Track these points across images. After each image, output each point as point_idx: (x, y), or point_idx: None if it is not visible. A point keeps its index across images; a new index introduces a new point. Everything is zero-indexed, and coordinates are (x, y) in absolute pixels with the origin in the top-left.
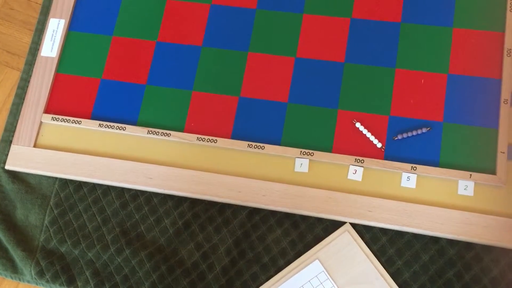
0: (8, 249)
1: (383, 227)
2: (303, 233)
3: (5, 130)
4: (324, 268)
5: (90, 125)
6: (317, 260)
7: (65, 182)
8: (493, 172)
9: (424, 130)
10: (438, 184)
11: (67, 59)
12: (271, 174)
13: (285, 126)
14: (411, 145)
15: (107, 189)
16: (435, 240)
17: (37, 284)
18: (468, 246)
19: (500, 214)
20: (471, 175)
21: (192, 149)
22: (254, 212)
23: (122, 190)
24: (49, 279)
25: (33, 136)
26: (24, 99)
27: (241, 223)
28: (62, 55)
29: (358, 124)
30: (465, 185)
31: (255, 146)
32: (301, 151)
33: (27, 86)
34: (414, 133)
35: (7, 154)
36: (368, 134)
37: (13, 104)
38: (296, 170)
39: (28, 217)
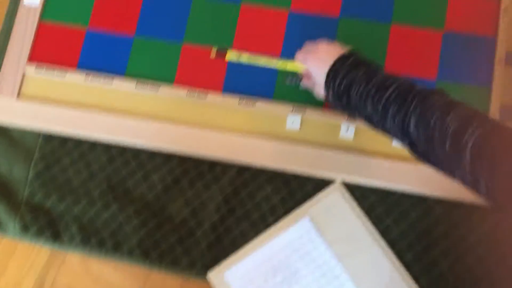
0: None
1: (374, 185)
2: (294, 191)
3: None
4: (314, 225)
5: (75, 77)
6: (307, 217)
7: (49, 136)
8: None
9: None
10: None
11: (51, 5)
12: (263, 131)
13: (277, 82)
14: None
15: (94, 143)
16: (423, 199)
17: (21, 239)
18: (455, 204)
19: None
20: None
21: (182, 104)
22: (244, 169)
23: (109, 145)
24: (34, 234)
25: (16, 88)
26: (6, 50)
27: (231, 180)
28: (46, 2)
29: None
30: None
31: (246, 103)
32: (293, 108)
33: (9, 37)
34: None
35: None
36: None
37: None
38: (287, 127)
39: (11, 171)
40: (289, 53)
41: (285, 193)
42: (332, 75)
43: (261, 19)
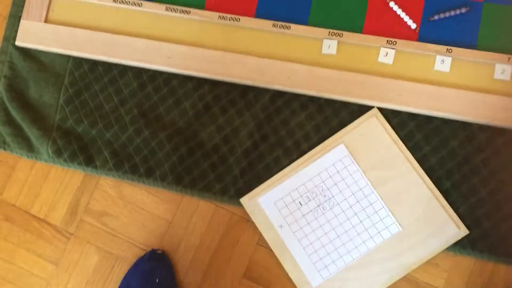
0: (23, 127)
1: (412, 111)
2: (328, 117)
3: (13, 4)
4: (349, 152)
5: (104, 0)
6: (342, 144)
7: (79, 61)
8: None
9: (463, 10)
10: (474, 68)
11: None
12: (297, 56)
13: (313, 5)
14: (447, 26)
15: (124, 69)
16: (465, 125)
17: (54, 163)
18: (500, 131)
19: None
20: (509, 58)
21: (214, 28)
22: (277, 95)
23: (140, 71)
24: (67, 158)
25: (43, 11)
26: None
27: (264, 106)
28: None
29: (392, 3)
30: (503, 69)
31: (281, 26)
32: (329, 32)
33: None
34: (452, 13)
35: (17, 30)
36: (402, 14)
37: None
38: (323, 52)
39: (42, 96)
40: None
41: (319, 119)
42: None
43: None
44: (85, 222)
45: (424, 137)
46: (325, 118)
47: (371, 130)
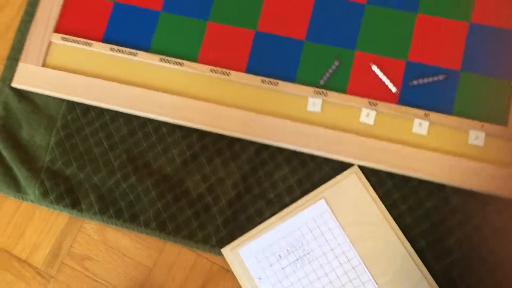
0: (13, 167)
1: (391, 171)
2: (311, 172)
3: (13, 48)
4: (329, 207)
5: (101, 48)
6: (322, 199)
7: (72, 105)
8: (505, 123)
9: (440, 77)
10: (450, 133)
11: None
12: (283, 111)
13: (301, 64)
14: (426, 91)
15: (116, 115)
16: (440, 187)
17: (40, 204)
18: (472, 195)
19: (509, 166)
20: (482, 125)
21: (205, 81)
22: (262, 148)
23: (130, 117)
24: (53, 200)
25: (41, 55)
26: (33, 17)
27: (249, 158)
28: None
29: (374, 67)
30: (476, 135)
31: (269, 82)
32: (314, 90)
33: (38, 4)
34: (430, 80)
35: (14, 72)
36: (384, 78)
37: (22, 21)
38: (308, 109)
39: (33, 137)
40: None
41: (302, 174)
42: None
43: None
44: (66, 265)
45: (401, 196)
46: (308, 172)
47: (351, 187)
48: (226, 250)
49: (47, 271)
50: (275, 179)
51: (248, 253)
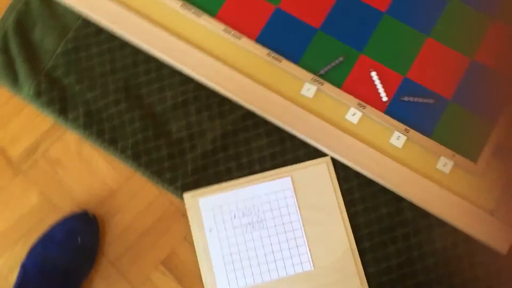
0: (16, 61)
1: (359, 171)
2: (286, 150)
3: None
4: (293, 186)
5: None
6: (289, 177)
7: (88, 22)
8: (474, 160)
9: (430, 101)
10: (422, 153)
11: None
12: (279, 88)
13: (307, 50)
14: (412, 109)
15: (125, 44)
16: (399, 199)
17: (31, 102)
18: (425, 215)
19: (465, 198)
20: (454, 155)
21: (216, 37)
22: (249, 115)
23: (138, 50)
24: (44, 102)
25: None
26: None
27: (234, 120)
28: None
29: (373, 74)
30: (445, 162)
31: (274, 57)
32: (313, 77)
33: None
34: (420, 100)
35: None
36: (379, 86)
37: None
38: (302, 92)
39: (43, 40)
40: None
41: (278, 149)
42: None
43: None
44: (38, 164)
45: (362, 196)
46: (283, 149)
47: (319, 174)
48: (187, 196)
49: (19, 164)
50: (251, 147)
51: (207, 204)
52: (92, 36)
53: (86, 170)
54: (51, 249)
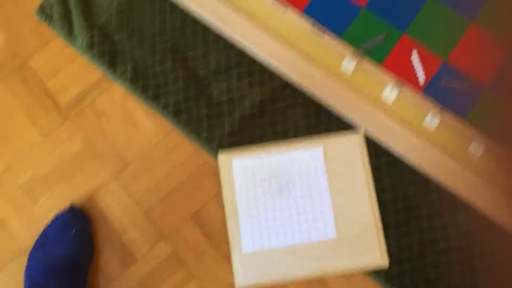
0: (73, 13)
1: (390, 149)
2: (320, 122)
3: None
4: (324, 156)
5: None
6: (321, 148)
7: None
8: (506, 147)
9: (467, 87)
10: (454, 136)
11: None
12: (319, 60)
13: (351, 26)
14: (449, 93)
15: (176, 6)
16: (427, 180)
17: (83, 54)
18: (452, 197)
19: (494, 184)
20: (486, 138)
21: (264, 6)
22: (288, 85)
23: (187, 13)
24: (95, 54)
25: None
26: None
27: (274, 89)
28: None
29: (414, 54)
30: (476, 146)
31: (318, 29)
32: (354, 52)
33: None
34: (458, 86)
35: None
36: (418, 66)
37: None
38: (341, 67)
39: None
40: None
41: (312, 120)
42: None
43: None
44: (85, 112)
45: (389, 174)
46: (318, 121)
47: (350, 147)
48: (222, 155)
49: (67, 111)
50: (287, 115)
51: (240, 165)
52: None
53: (128, 122)
54: (49, 248)
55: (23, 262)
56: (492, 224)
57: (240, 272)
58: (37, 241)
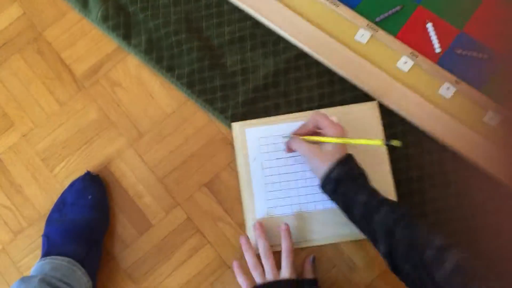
0: None
1: (405, 117)
2: (335, 92)
3: None
4: None
5: None
6: (335, 117)
7: None
8: None
9: (484, 56)
10: (470, 106)
11: None
12: (333, 32)
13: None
14: (465, 63)
15: None
16: (441, 149)
17: (98, 25)
18: (467, 167)
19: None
20: (501, 109)
21: None
22: (302, 55)
23: None
24: (110, 26)
25: None
26: None
27: (288, 59)
28: None
29: (429, 25)
30: (492, 116)
31: (332, 1)
32: (368, 23)
33: None
34: (475, 55)
35: None
36: (434, 37)
37: None
38: (356, 38)
39: None
40: None
41: (327, 90)
42: (328, 179)
43: None
44: (100, 83)
45: (404, 143)
46: (332, 91)
47: (365, 116)
48: (235, 125)
49: (82, 81)
50: (301, 86)
51: (254, 135)
52: None
53: (143, 94)
54: (66, 212)
55: (41, 226)
56: (509, 192)
57: (254, 238)
58: (55, 206)
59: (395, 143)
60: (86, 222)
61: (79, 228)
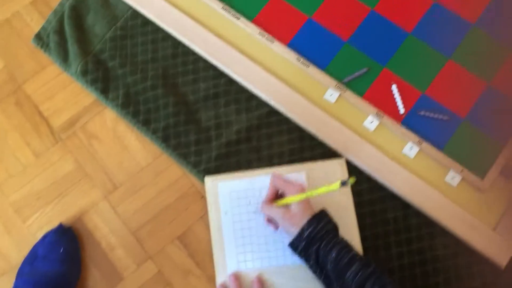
0: (68, 41)
1: (371, 175)
2: (304, 148)
3: None
4: (307, 181)
5: None
6: (304, 173)
7: (137, 14)
8: (481, 177)
9: (444, 117)
10: (432, 165)
11: None
12: (303, 90)
13: (335, 59)
14: (427, 124)
15: (167, 36)
16: (406, 206)
17: (77, 79)
18: (429, 223)
19: (469, 211)
20: (462, 170)
21: (251, 39)
22: (274, 113)
23: (178, 43)
24: (89, 80)
25: None
26: None
27: (260, 116)
28: None
29: (394, 87)
30: (453, 176)
31: (303, 62)
32: (336, 84)
33: None
34: (436, 116)
35: None
36: (398, 98)
37: None
38: (325, 97)
39: (94, 26)
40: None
41: (296, 146)
42: (300, 238)
43: (346, 3)
44: (76, 136)
45: (370, 200)
46: (302, 147)
47: (332, 174)
48: (208, 179)
49: (59, 133)
50: (273, 142)
51: (225, 189)
52: (139, 27)
53: (118, 146)
54: (37, 265)
55: (11, 277)
56: (468, 249)
57: None
58: (26, 258)
59: (351, 180)
60: (56, 276)
61: (49, 282)
